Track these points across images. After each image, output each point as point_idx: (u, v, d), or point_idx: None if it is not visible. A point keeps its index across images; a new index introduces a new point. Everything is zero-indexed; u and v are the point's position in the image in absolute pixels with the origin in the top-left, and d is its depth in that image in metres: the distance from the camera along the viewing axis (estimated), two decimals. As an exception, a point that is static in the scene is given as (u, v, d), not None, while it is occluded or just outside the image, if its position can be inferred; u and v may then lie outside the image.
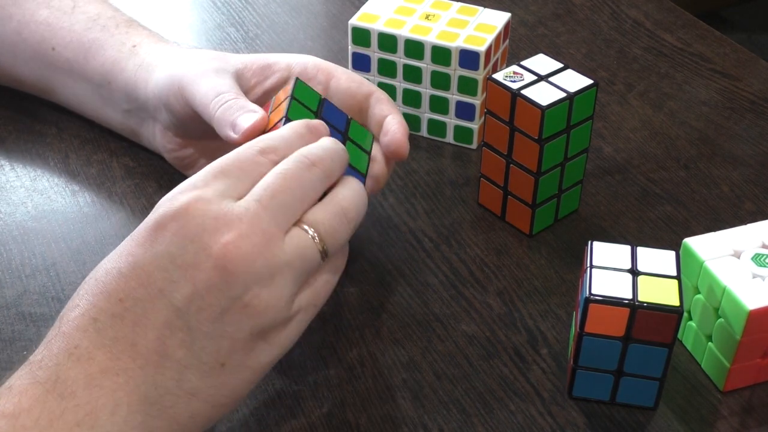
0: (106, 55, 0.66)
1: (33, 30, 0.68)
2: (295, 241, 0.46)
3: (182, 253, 0.44)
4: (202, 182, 0.46)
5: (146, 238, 0.45)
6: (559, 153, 0.62)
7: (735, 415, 0.54)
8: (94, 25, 0.67)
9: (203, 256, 0.44)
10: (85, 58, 0.67)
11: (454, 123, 0.72)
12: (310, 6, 0.90)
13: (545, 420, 0.53)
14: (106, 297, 0.44)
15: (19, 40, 0.69)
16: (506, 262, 0.63)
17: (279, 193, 0.46)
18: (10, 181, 0.68)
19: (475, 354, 0.56)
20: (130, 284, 0.44)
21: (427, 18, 0.71)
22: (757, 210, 0.67)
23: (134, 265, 0.44)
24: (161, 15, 0.87)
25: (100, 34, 0.67)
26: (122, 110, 0.67)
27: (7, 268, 0.61)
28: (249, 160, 0.48)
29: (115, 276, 0.45)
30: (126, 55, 0.65)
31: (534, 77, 0.61)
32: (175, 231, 0.44)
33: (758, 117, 0.76)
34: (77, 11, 0.68)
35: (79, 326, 0.44)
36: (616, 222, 0.66)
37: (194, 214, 0.45)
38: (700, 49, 0.83)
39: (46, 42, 0.68)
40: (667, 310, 0.49)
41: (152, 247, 0.45)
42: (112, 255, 0.46)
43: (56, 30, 0.68)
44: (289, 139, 0.50)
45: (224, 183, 0.46)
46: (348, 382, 0.55)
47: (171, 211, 0.45)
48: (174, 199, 0.46)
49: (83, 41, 0.67)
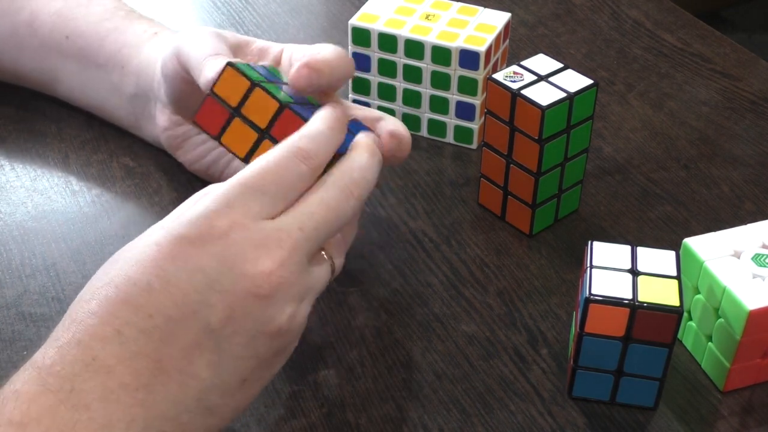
0: (126, 41, 0.66)
1: (45, 20, 0.69)
2: (320, 268, 0.48)
3: (221, 278, 0.43)
4: (240, 202, 0.45)
5: (180, 255, 0.43)
6: (559, 153, 0.62)
7: (735, 415, 0.54)
8: (113, 16, 0.68)
9: (242, 283, 0.43)
10: (100, 45, 0.67)
11: (454, 123, 0.72)
12: (310, 6, 0.90)
13: (545, 420, 0.53)
14: (134, 310, 0.42)
15: (30, 31, 0.69)
16: (506, 262, 0.63)
17: (321, 225, 0.46)
18: (10, 181, 0.68)
19: (475, 354, 0.56)
20: (162, 301, 0.43)
21: (427, 18, 0.71)
22: (757, 210, 0.67)
23: (167, 281, 0.43)
24: (161, 15, 0.87)
25: (121, 23, 0.67)
26: (129, 96, 0.67)
27: (7, 268, 0.61)
28: (290, 171, 0.46)
29: (144, 289, 0.43)
30: (146, 38, 0.66)
31: (534, 77, 0.61)
32: (214, 254, 0.43)
33: (758, 117, 0.76)
34: (93, 4, 0.69)
35: (100, 337, 0.42)
36: (616, 222, 0.66)
37: (234, 239, 0.44)
38: (700, 49, 0.83)
39: (59, 31, 0.68)
40: (667, 310, 0.49)
41: (186, 266, 0.43)
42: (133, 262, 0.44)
43: (70, 20, 0.68)
44: (325, 139, 0.49)
45: (262, 202, 0.45)
46: (348, 382, 0.55)
47: (209, 233, 0.44)
48: (211, 219, 0.44)
49: (99, 30, 0.67)
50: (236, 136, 0.50)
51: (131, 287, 0.43)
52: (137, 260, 0.44)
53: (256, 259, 0.44)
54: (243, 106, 0.50)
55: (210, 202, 0.45)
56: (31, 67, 0.71)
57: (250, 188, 0.45)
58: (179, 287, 0.43)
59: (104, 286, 0.43)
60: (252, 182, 0.46)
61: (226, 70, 0.51)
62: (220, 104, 0.51)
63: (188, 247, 0.43)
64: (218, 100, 0.51)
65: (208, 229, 0.44)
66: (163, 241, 0.44)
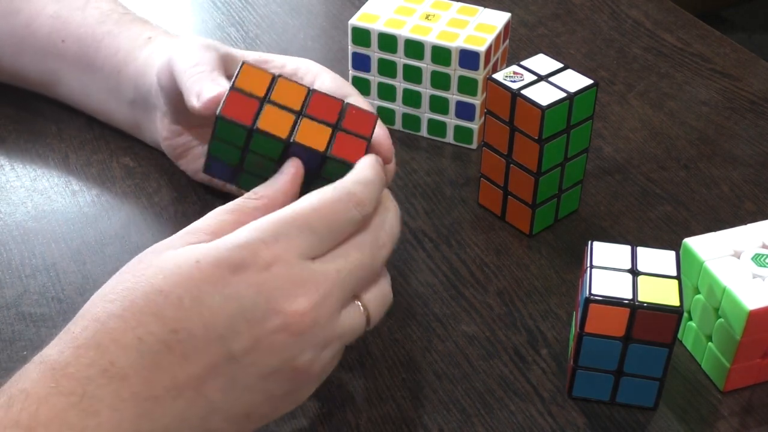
0: (120, 45, 0.66)
1: (42, 23, 0.69)
2: (351, 316, 0.47)
3: (254, 309, 0.43)
4: (288, 237, 0.44)
5: (218, 278, 0.43)
6: (559, 153, 0.62)
7: (735, 415, 0.54)
8: (107, 19, 0.68)
9: (274, 317, 0.43)
10: (96, 49, 0.67)
11: (454, 123, 0.72)
12: (310, 6, 0.90)
13: (545, 420, 0.53)
14: (160, 322, 0.42)
15: (27, 33, 0.69)
16: (506, 262, 0.63)
17: (358, 270, 0.46)
18: (10, 181, 0.68)
19: (475, 354, 0.56)
20: (190, 318, 0.42)
21: (427, 18, 0.71)
22: (757, 210, 0.67)
23: (200, 301, 0.42)
24: (161, 15, 0.87)
25: (114, 26, 0.67)
26: (128, 101, 0.67)
27: (7, 268, 0.61)
28: (342, 214, 0.46)
29: (175, 303, 0.42)
30: (140, 44, 0.66)
31: (534, 77, 0.61)
32: (252, 284, 0.43)
33: (758, 117, 0.76)
34: (89, 7, 0.69)
35: (121, 343, 0.41)
36: (616, 222, 0.66)
37: (275, 273, 0.44)
38: (700, 49, 0.83)
39: (56, 34, 0.68)
40: (667, 310, 0.49)
41: (223, 290, 0.43)
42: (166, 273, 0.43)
43: (67, 23, 0.68)
44: (375, 188, 0.48)
45: (310, 241, 0.45)
46: (348, 382, 0.55)
47: (253, 263, 0.43)
48: (256, 249, 0.44)
49: (96, 34, 0.67)
50: (272, 120, 0.50)
51: (160, 298, 0.42)
52: (172, 273, 0.43)
53: (293, 297, 0.44)
54: (271, 94, 0.50)
55: (258, 231, 0.44)
56: (31, 69, 0.71)
57: (301, 225, 0.45)
58: (211, 310, 0.43)
59: (130, 291, 0.43)
60: (303, 219, 0.45)
61: (244, 66, 0.50)
62: (245, 96, 0.50)
63: (228, 273, 0.43)
64: (242, 93, 0.50)
65: (252, 259, 0.43)
66: (204, 260, 0.43)
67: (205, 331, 0.42)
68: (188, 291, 0.43)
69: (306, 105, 0.50)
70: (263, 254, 0.44)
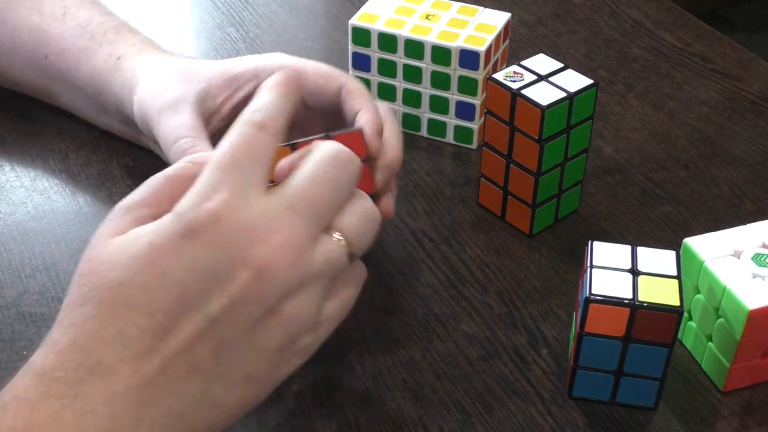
0: (95, 66, 0.65)
1: (26, 37, 0.68)
2: (324, 249, 0.45)
3: (216, 266, 0.42)
4: (219, 182, 0.43)
5: (174, 248, 0.42)
6: (559, 153, 0.62)
7: (735, 415, 0.54)
8: (83, 32, 0.67)
9: (239, 269, 0.42)
10: (76, 67, 0.66)
11: (454, 123, 0.72)
12: (310, 6, 0.90)
13: (545, 420, 0.53)
14: (133, 310, 0.42)
15: (14, 46, 0.69)
16: (506, 262, 0.63)
17: (314, 201, 0.44)
18: (10, 181, 0.68)
19: (475, 354, 0.56)
20: (161, 298, 0.42)
21: (427, 18, 0.71)
22: (757, 210, 0.67)
23: (164, 278, 0.42)
24: (161, 15, 0.87)
25: (89, 42, 0.66)
26: (117, 120, 0.67)
27: (7, 268, 0.61)
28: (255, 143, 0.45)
29: (141, 289, 0.42)
30: (112, 68, 0.65)
31: (534, 77, 0.61)
32: (207, 243, 0.42)
33: (758, 117, 0.76)
34: (68, 18, 0.67)
35: (103, 340, 0.41)
36: (616, 222, 0.66)
37: (225, 225, 0.43)
38: (700, 49, 0.83)
39: (39, 50, 0.68)
40: (667, 310, 0.49)
41: (182, 259, 0.42)
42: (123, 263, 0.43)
43: (48, 38, 0.67)
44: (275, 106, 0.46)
45: (241, 177, 0.44)
46: (348, 382, 0.55)
47: (198, 221, 0.43)
48: (198, 207, 0.43)
49: (74, 50, 0.66)
50: None
51: (127, 288, 0.42)
52: (129, 262, 0.43)
53: (248, 242, 0.43)
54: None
55: (192, 193, 0.43)
56: (22, 79, 0.70)
57: (221, 165, 0.44)
58: (177, 282, 0.42)
59: (95, 291, 0.43)
60: (222, 160, 0.44)
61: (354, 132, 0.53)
62: None
63: (182, 241, 0.42)
64: None
65: (198, 219, 0.43)
66: (156, 239, 0.43)
67: (178, 304, 0.42)
68: (150, 273, 0.42)
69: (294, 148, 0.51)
70: (205, 209, 0.43)
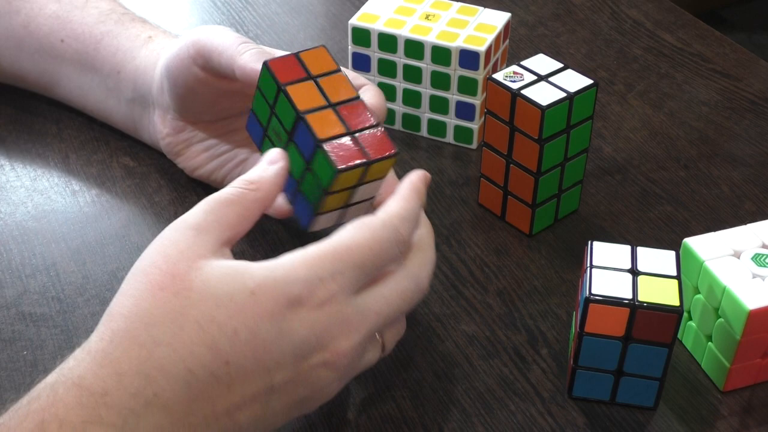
0: (119, 45, 0.66)
1: (41, 23, 0.69)
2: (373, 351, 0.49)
3: (303, 345, 0.44)
4: (341, 275, 0.45)
5: (275, 313, 0.43)
6: (559, 153, 0.62)
7: (735, 415, 0.54)
8: (107, 19, 0.68)
9: (318, 353, 0.45)
10: (95, 49, 0.67)
11: (454, 123, 0.72)
12: (310, 6, 0.90)
13: (545, 420, 0.53)
14: (213, 354, 0.42)
15: (26, 34, 0.69)
16: (506, 262, 0.63)
17: (394, 313, 0.48)
18: (10, 181, 0.68)
19: (475, 354, 0.56)
20: (243, 351, 0.42)
21: (427, 18, 0.71)
22: (757, 210, 0.67)
23: (255, 335, 0.43)
24: (161, 15, 0.87)
25: (114, 26, 0.67)
26: (126, 100, 0.67)
27: (7, 268, 0.61)
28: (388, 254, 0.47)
29: (230, 336, 0.42)
30: (140, 44, 0.66)
31: (534, 77, 0.61)
32: (305, 321, 0.44)
33: (758, 117, 0.76)
34: (89, 6, 0.69)
35: (169, 374, 0.41)
36: (616, 222, 0.66)
37: (327, 312, 0.44)
38: (700, 49, 0.83)
39: (55, 34, 0.68)
40: (667, 310, 0.49)
41: (279, 325, 0.43)
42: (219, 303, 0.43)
43: (66, 23, 0.68)
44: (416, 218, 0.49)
45: (358, 277, 0.46)
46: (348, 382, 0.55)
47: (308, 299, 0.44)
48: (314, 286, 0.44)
49: (95, 33, 0.67)
50: (303, 93, 0.50)
51: (214, 328, 0.42)
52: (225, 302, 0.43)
53: (338, 336, 0.45)
54: (322, 79, 0.51)
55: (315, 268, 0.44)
56: (30, 69, 0.71)
57: (354, 263, 0.45)
58: (264, 344, 0.43)
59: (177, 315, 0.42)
60: (357, 256, 0.45)
61: (320, 47, 0.52)
62: (300, 66, 0.51)
63: (285, 307, 0.43)
64: (300, 62, 0.51)
65: (308, 296, 0.44)
66: (260, 293, 0.43)
67: (255, 363, 0.43)
68: (244, 323, 0.42)
69: (343, 103, 0.51)
70: (319, 292, 0.44)
